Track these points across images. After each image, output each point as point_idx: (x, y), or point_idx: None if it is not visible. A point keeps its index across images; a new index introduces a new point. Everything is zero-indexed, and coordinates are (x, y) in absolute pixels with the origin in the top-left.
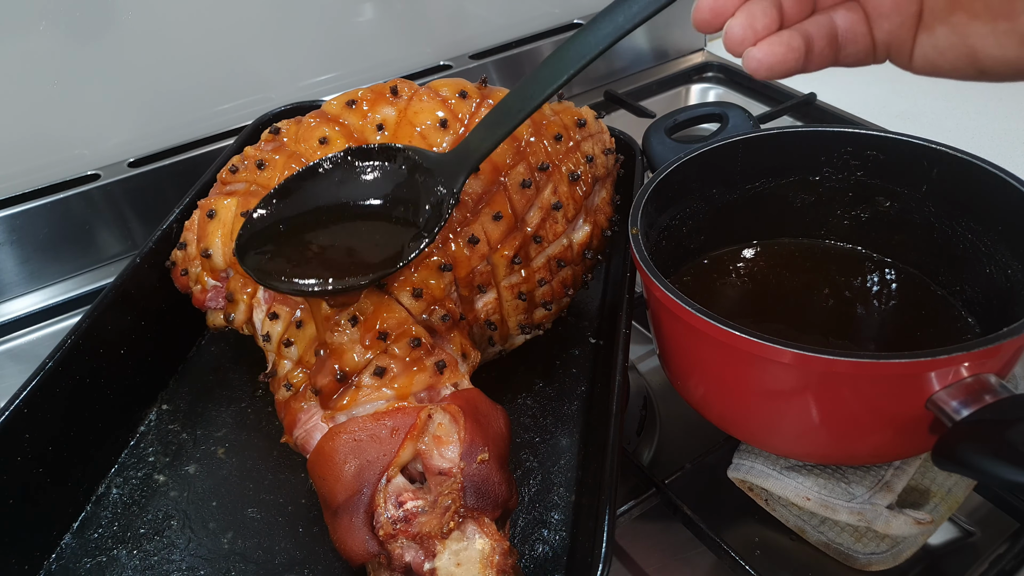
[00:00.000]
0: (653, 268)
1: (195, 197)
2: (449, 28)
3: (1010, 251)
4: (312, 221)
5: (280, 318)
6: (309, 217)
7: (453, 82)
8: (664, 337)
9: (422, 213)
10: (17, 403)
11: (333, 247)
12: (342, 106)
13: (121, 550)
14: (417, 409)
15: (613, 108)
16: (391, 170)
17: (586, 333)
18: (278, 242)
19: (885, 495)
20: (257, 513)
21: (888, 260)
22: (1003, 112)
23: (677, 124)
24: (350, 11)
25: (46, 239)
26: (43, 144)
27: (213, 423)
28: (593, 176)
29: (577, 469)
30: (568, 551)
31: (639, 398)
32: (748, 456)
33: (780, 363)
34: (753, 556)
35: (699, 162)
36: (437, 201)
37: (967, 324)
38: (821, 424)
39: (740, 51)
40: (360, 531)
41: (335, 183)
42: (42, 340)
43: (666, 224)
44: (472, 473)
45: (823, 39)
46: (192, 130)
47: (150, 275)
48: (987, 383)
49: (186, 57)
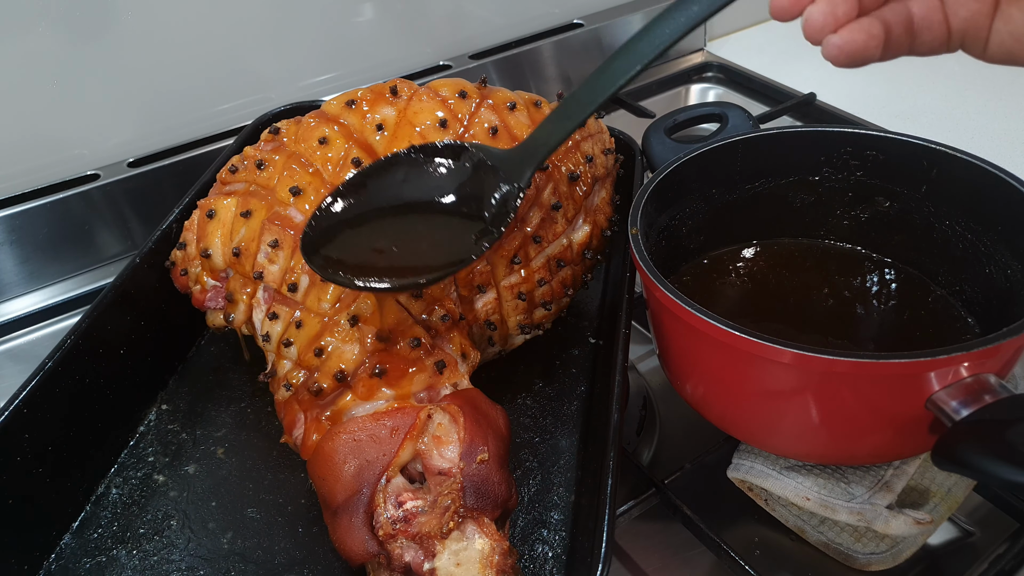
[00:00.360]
0: (653, 268)
1: (195, 197)
2: (449, 28)
3: (1010, 251)
4: (378, 218)
5: (280, 318)
6: (375, 214)
7: (453, 82)
8: (664, 337)
9: (487, 208)
10: (17, 403)
11: (400, 244)
12: (342, 106)
13: (121, 550)
14: (417, 409)
15: (613, 108)
16: (456, 167)
17: (586, 333)
18: (344, 239)
19: (885, 495)
20: (257, 513)
21: (888, 260)
22: (1003, 112)
23: (677, 124)
24: (350, 11)
25: (46, 239)
26: (43, 144)
27: (213, 423)
28: (593, 176)
29: (577, 469)
30: (568, 551)
31: (639, 398)
32: (748, 456)
33: (780, 363)
34: (753, 556)
35: (699, 162)
36: (503, 197)
37: (967, 324)
38: (821, 424)
39: (819, 38)
40: (360, 531)
41: (399, 181)
42: (42, 340)
43: (666, 224)
44: (472, 473)
45: (900, 27)
46: (192, 130)
47: (150, 275)
48: (987, 383)
49: (186, 57)
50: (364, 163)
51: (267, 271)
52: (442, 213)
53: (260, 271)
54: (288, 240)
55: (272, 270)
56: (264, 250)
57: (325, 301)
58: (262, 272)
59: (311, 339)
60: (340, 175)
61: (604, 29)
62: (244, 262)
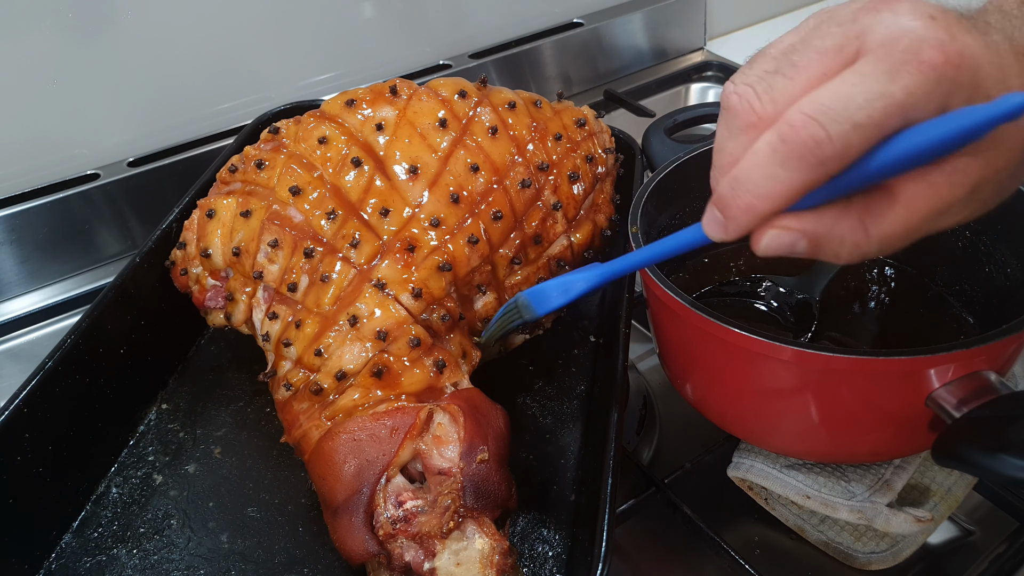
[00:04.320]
0: (653, 267)
1: (195, 197)
2: (449, 28)
3: (1009, 250)
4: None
5: (279, 318)
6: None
7: (452, 81)
8: (664, 336)
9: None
10: (17, 403)
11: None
12: (341, 106)
13: (121, 549)
14: (417, 409)
15: (613, 107)
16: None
17: (586, 333)
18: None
19: (885, 493)
20: (257, 512)
21: (887, 259)
22: None
23: (677, 124)
24: (350, 11)
25: (46, 239)
26: (43, 144)
27: (213, 422)
28: (593, 175)
29: (577, 469)
30: (568, 551)
31: (639, 397)
32: (748, 455)
33: (779, 360)
34: (753, 555)
35: (699, 162)
36: (804, 302)
37: (966, 323)
38: (821, 422)
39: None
40: (360, 531)
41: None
42: (42, 340)
43: (666, 224)
44: (472, 473)
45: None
46: (192, 129)
47: (150, 275)
48: (987, 380)
49: (186, 57)
50: (364, 162)
51: (267, 271)
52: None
53: (260, 271)
54: (287, 240)
55: (272, 270)
56: (264, 250)
57: (325, 301)
58: (262, 272)
59: (311, 339)
60: (340, 174)
61: (604, 28)
62: (244, 262)
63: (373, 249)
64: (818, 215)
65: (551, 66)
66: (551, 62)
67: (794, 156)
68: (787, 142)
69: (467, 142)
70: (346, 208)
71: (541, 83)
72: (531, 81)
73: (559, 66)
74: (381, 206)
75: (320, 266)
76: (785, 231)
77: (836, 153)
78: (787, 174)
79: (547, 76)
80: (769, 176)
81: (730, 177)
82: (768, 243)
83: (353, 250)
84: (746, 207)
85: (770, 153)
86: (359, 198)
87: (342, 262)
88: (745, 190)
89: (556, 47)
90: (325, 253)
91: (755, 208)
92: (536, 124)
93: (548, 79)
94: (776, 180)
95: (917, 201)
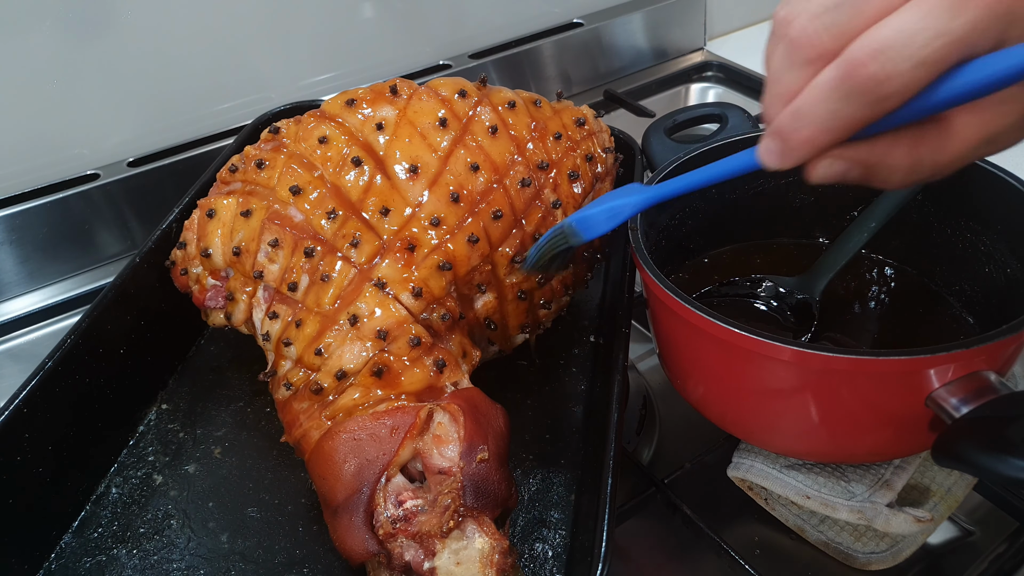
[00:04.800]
0: (653, 267)
1: (195, 197)
2: (449, 27)
3: (1009, 250)
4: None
5: (279, 317)
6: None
7: (452, 81)
8: (664, 336)
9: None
10: (17, 403)
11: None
12: (341, 105)
13: (121, 549)
14: (417, 408)
15: (613, 107)
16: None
17: (586, 333)
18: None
19: (885, 493)
20: (257, 512)
21: (887, 260)
22: None
23: (677, 124)
24: (350, 11)
25: (45, 239)
26: (43, 144)
27: (213, 422)
28: (592, 175)
29: (577, 468)
30: (568, 550)
31: (639, 397)
32: (748, 455)
33: (779, 360)
34: (753, 555)
35: (699, 162)
36: (803, 301)
37: (966, 323)
38: (821, 422)
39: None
40: (360, 530)
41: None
42: (42, 340)
43: (666, 223)
44: (472, 472)
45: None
46: (192, 130)
47: (150, 275)
48: (987, 380)
49: (186, 57)
50: (364, 162)
51: (267, 270)
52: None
53: (260, 270)
54: (288, 239)
55: (272, 269)
56: (264, 249)
57: (325, 300)
58: (262, 271)
59: (311, 338)
60: (340, 174)
61: (604, 28)
62: (244, 261)
63: (373, 248)
64: (871, 144)
65: (551, 66)
66: (551, 62)
67: (856, 92)
68: (850, 78)
69: (467, 141)
70: (346, 207)
71: (541, 83)
72: (531, 81)
73: (559, 66)
74: (381, 205)
75: (320, 265)
76: (840, 160)
77: (898, 90)
78: (849, 109)
79: (547, 76)
80: (832, 111)
81: (792, 108)
82: (824, 171)
83: (353, 249)
84: (807, 139)
85: (833, 88)
86: (359, 197)
87: (342, 261)
88: (807, 123)
89: (556, 47)
90: (325, 252)
91: (816, 140)
92: (536, 123)
93: (548, 79)
94: (837, 115)
95: (968, 130)
